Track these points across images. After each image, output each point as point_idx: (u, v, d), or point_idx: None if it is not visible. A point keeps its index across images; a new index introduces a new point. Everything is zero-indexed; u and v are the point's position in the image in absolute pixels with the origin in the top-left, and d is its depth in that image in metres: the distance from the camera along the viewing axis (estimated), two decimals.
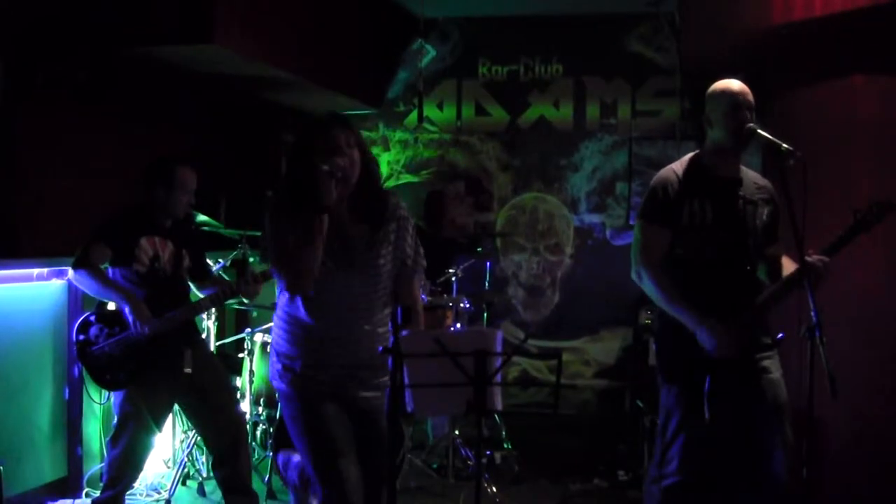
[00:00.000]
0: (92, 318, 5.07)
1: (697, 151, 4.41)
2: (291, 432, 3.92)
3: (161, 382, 5.07)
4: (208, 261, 5.52)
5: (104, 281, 4.95)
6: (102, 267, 5.01)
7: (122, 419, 5.09)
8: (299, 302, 3.81)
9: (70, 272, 4.98)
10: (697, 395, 4.17)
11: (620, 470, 6.35)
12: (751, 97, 4.21)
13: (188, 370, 5.10)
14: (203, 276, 5.37)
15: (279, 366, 3.89)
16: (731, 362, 4.13)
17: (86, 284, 4.96)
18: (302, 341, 3.85)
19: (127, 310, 4.90)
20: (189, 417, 5.38)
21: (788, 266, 4.25)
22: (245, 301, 5.56)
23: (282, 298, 3.90)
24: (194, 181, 5.15)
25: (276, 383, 3.92)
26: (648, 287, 4.25)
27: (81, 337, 5.05)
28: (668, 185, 4.26)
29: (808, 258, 3.96)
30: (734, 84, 4.24)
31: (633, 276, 4.32)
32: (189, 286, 5.30)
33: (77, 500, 5.73)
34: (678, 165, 4.35)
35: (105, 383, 5.07)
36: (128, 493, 5.29)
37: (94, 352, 5.02)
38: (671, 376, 4.32)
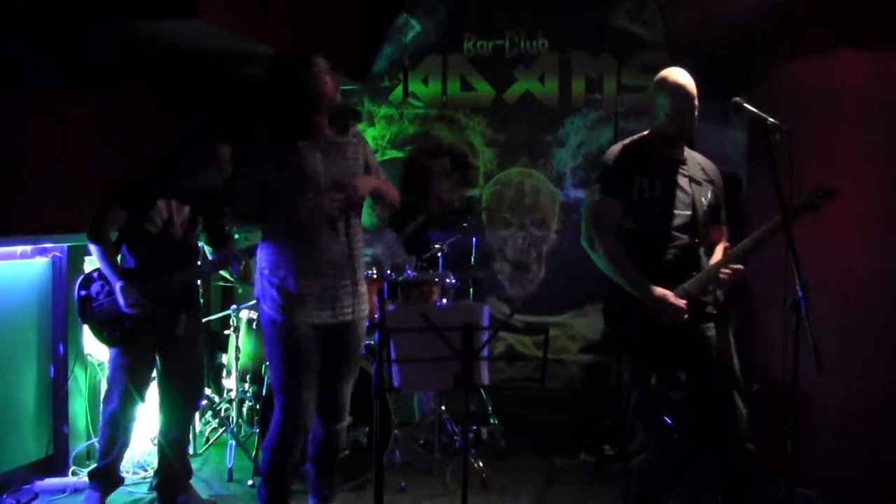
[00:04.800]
0: (94, 274, 5.14)
1: (646, 132, 4.56)
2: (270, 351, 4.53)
3: (149, 341, 5.15)
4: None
5: (107, 256, 5.01)
6: (114, 233, 5.08)
7: (110, 382, 5.17)
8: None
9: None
10: (646, 363, 4.40)
11: (606, 444, 6.37)
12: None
13: (180, 332, 5.20)
14: (220, 242, 5.40)
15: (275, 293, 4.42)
16: (678, 330, 4.30)
17: (94, 253, 5.05)
18: (296, 265, 4.38)
19: (116, 287, 4.93)
20: (160, 377, 5.38)
21: (718, 255, 4.45)
22: (232, 278, 5.58)
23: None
24: (230, 161, 5.24)
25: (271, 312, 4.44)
26: (598, 256, 4.43)
27: (83, 292, 5.12)
28: (620, 159, 4.47)
29: (723, 272, 4.30)
30: (688, 84, 4.37)
31: (583, 243, 4.50)
32: (197, 252, 5.35)
33: (63, 478, 5.73)
34: (629, 141, 4.54)
35: (104, 339, 5.13)
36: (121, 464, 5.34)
37: (94, 308, 5.09)
38: (622, 346, 4.52)
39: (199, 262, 5.32)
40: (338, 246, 4.43)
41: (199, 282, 5.44)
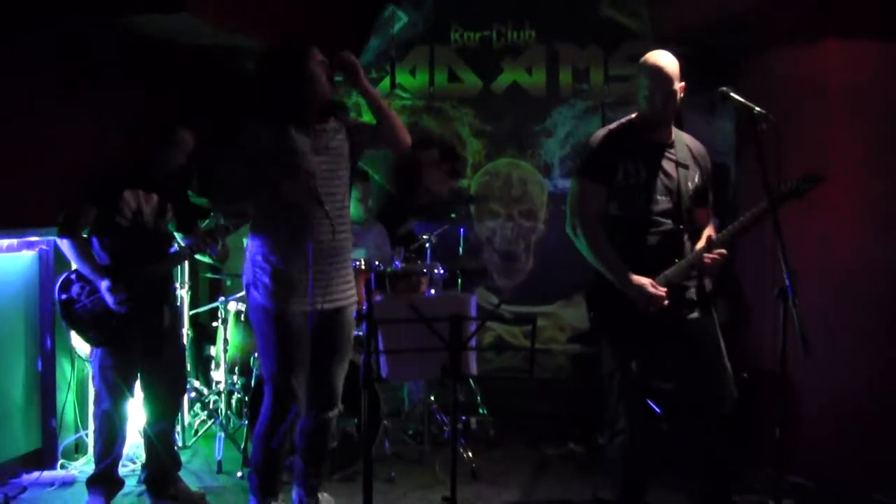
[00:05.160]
0: (73, 276, 5.10)
1: (632, 116, 4.57)
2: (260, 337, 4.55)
3: (136, 339, 5.11)
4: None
5: (84, 256, 4.99)
6: (86, 232, 5.03)
7: (97, 382, 5.14)
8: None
9: (56, 237, 5.03)
10: (628, 348, 4.46)
11: (595, 434, 6.38)
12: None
13: (167, 324, 5.21)
14: (189, 227, 5.38)
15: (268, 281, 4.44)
16: (660, 317, 4.35)
17: (68, 253, 5.03)
18: (288, 252, 4.41)
19: (102, 286, 4.92)
20: (142, 372, 5.36)
21: (703, 241, 4.47)
22: (212, 260, 5.54)
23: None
24: (192, 143, 5.26)
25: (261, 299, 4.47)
26: (581, 242, 4.49)
27: (64, 296, 5.08)
28: (604, 144, 4.49)
29: (706, 258, 4.32)
30: (667, 66, 4.37)
31: (568, 230, 4.57)
32: (171, 240, 5.34)
33: (51, 472, 5.72)
34: (615, 126, 4.57)
35: (90, 340, 5.10)
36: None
37: (76, 310, 5.05)
38: (603, 332, 4.59)
39: (175, 249, 5.32)
40: (328, 233, 4.43)
41: (173, 272, 5.46)
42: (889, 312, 5.42)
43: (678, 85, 4.37)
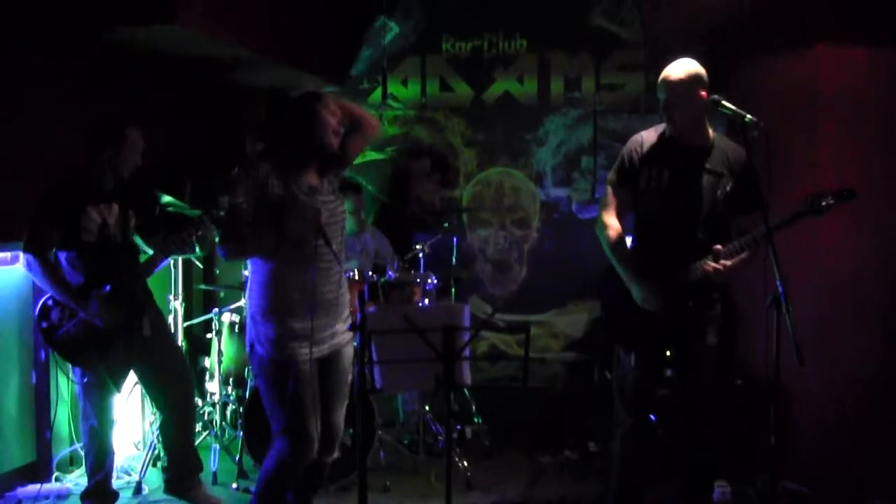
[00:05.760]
0: (49, 302, 5.03)
1: None
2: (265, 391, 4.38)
3: (121, 349, 5.07)
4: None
5: (57, 282, 4.91)
6: (51, 253, 4.95)
7: (82, 398, 5.13)
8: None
9: (21, 258, 4.94)
10: (629, 342, 4.68)
11: (590, 441, 6.40)
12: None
13: (147, 333, 5.16)
14: (153, 233, 5.26)
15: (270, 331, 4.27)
16: (664, 317, 4.49)
17: (35, 275, 4.93)
18: (291, 300, 4.24)
19: (90, 311, 4.89)
20: (143, 380, 5.35)
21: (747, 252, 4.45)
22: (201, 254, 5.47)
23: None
24: (141, 141, 5.14)
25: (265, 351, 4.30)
26: (601, 240, 4.67)
27: (45, 324, 5.02)
28: (633, 149, 4.64)
29: (706, 265, 4.38)
30: (676, 75, 4.45)
31: (597, 230, 4.74)
32: (137, 249, 5.26)
33: (46, 485, 5.71)
34: (649, 132, 4.67)
35: (79, 364, 5.07)
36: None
37: (60, 336, 5.00)
38: (610, 329, 4.80)
39: (150, 256, 5.21)
40: (330, 274, 4.34)
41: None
42: (882, 317, 5.43)
43: (691, 92, 4.39)
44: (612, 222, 4.64)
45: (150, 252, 5.24)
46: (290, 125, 4.28)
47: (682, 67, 4.43)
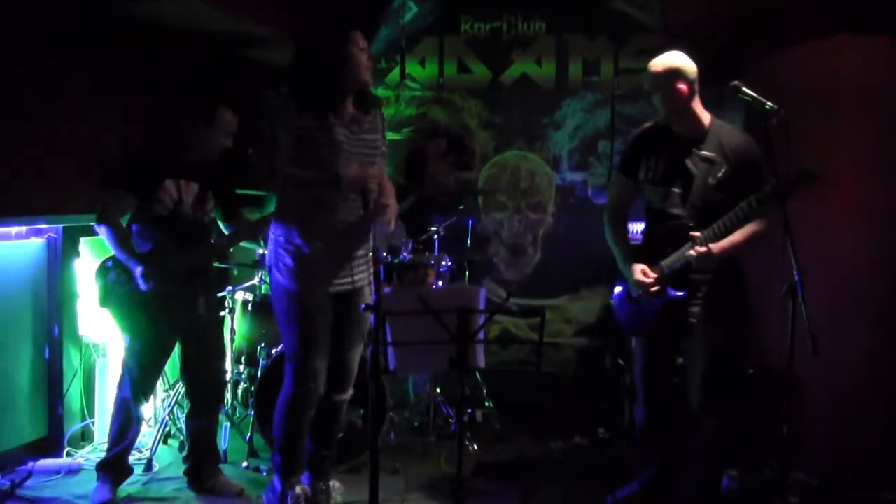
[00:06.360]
0: (109, 263, 5.07)
1: None
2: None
3: (169, 326, 5.09)
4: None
5: (121, 243, 4.92)
6: (125, 218, 4.99)
7: (124, 368, 5.13)
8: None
9: (95, 223, 4.96)
10: (633, 329, 4.91)
11: (601, 428, 6.39)
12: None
13: (200, 311, 5.17)
14: (231, 215, 5.35)
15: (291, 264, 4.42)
16: (663, 307, 4.62)
17: (106, 239, 4.96)
18: (313, 232, 4.42)
19: (137, 272, 4.89)
20: (181, 358, 5.36)
21: (740, 234, 4.46)
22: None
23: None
24: (235, 125, 5.17)
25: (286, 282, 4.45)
26: (605, 226, 4.85)
27: (101, 282, 5.05)
28: (635, 140, 4.80)
29: (692, 250, 4.44)
30: (658, 67, 4.54)
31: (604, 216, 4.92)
32: (209, 229, 5.27)
33: (57, 459, 5.73)
34: (650, 122, 4.79)
35: (126, 326, 5.08)
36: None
37: (114, 298, 5.02)
38: (620, 318, 4.93)
39: (212, 240, 5.27)
40: (355, 213, 4.41)
41: (215, 262, 5.40)
42: (892, 308, 5.40)
43: (668, 85, 4.47)
44: (614, 212, 4.86)
45: (226, 233, 5.33)
46: (322, 67, 4.36)
47: (662, 60, 4.52)
